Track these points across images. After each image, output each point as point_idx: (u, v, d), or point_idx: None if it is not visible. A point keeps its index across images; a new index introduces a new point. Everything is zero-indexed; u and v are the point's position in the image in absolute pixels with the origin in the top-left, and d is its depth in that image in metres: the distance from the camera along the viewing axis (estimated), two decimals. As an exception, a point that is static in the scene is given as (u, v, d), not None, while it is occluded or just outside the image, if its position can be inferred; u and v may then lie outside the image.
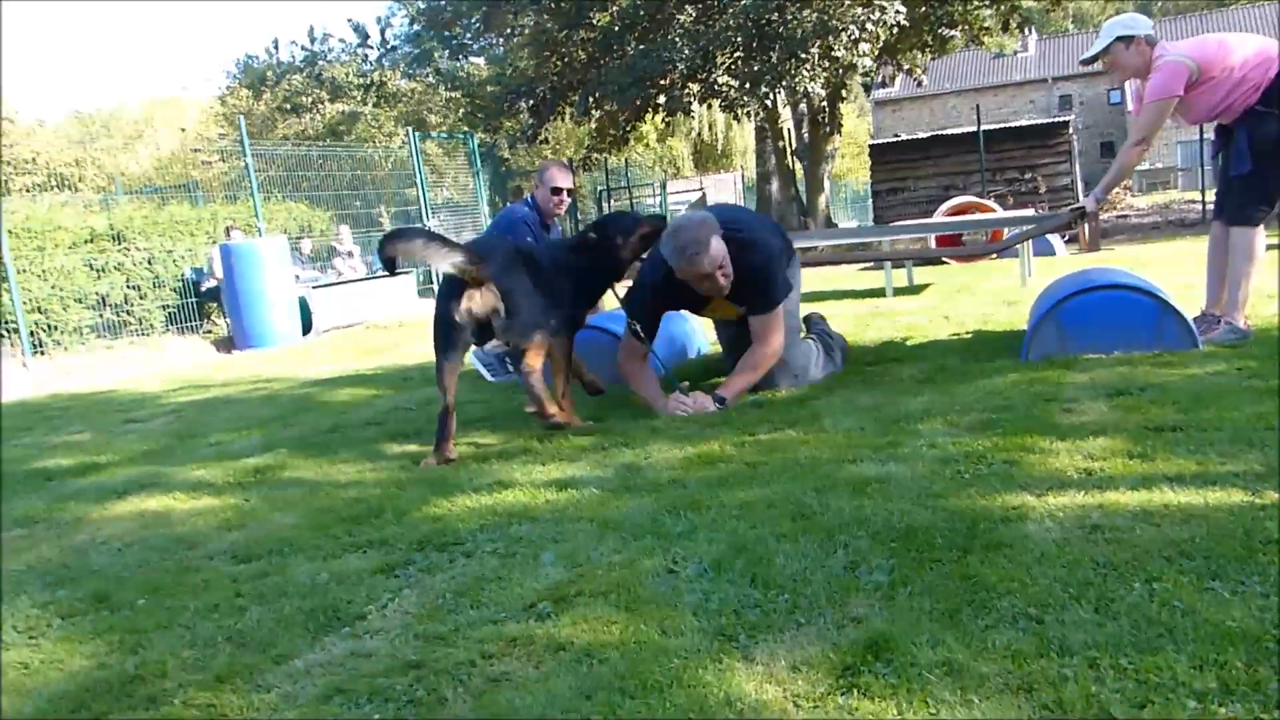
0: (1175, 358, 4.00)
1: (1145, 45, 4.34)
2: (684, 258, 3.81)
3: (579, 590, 2.14)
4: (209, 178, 17.98)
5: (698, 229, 3.83)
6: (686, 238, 3.82)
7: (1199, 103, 4.28)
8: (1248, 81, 4.14)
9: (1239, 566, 1.91)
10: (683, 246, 3.81)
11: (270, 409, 5.43)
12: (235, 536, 2.87)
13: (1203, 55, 4.21)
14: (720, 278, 3.87)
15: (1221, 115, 4.29)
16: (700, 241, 3.79)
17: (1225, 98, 4.21)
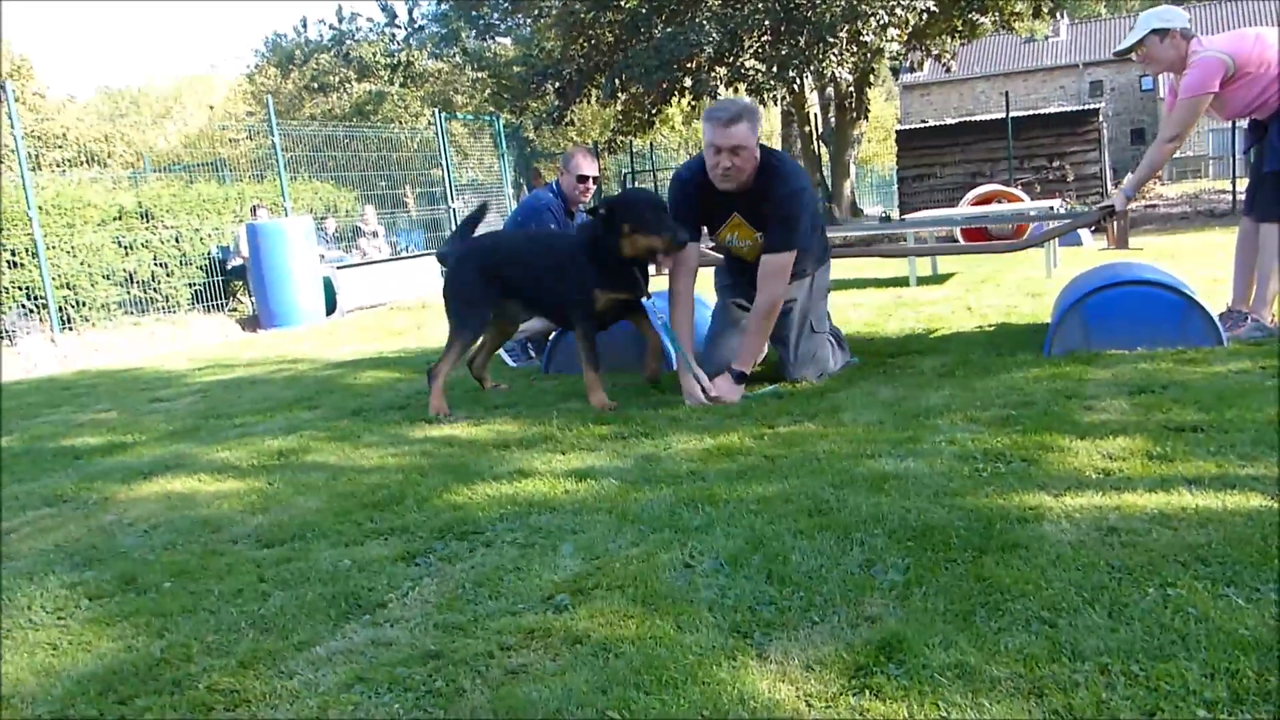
0: (1199, 355, 3.97)
1: (1180, 39, 4.29)
2: (712, 117, 3.87)
3: (596, 583, 2.16)
4: (236, 155, 18.07)
5: (737, 104, 3.96)
6: (721, 104, 3.94)
7: (1234, 99, 4.24)
8: None
9: (1254, 573, 1.91)
10: (713, 108, 3.91)
11: (294, 390, 5.49)
12: (259, 520, 2.91)
13: (1239, 51, 4.16)
14: (726, 160, 3.89)
15: (1257, 111, 4.25)
16: (732, 111, 3.87)
17: (1261, 94, 4.17)
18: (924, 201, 16.33)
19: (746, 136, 3.86)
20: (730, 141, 3.85)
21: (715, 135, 3.87)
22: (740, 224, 4.15)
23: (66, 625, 2.21)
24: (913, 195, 16.95)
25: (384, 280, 12.31)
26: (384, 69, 29.49)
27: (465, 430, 3.94)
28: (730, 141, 3.85)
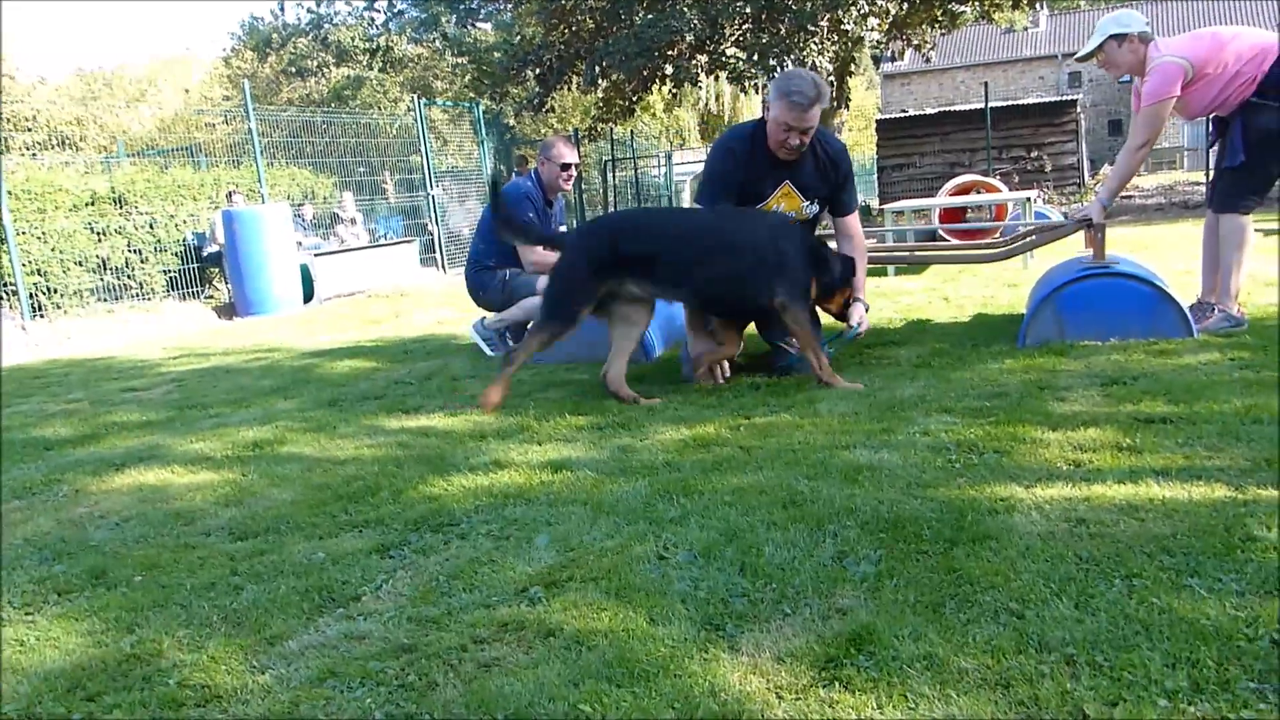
0: (1170, 346, 4.02)
1: (1139, 43, 4.35)
2: (792, 100, 3.84)
3: (570, 575, 2.17)
4: (212, 140, 17.89)
5: (814, 85, 3.88)
6: (799, 84, 3.86)
7: (1195, 100, 4.30)
8: (1243, 75, 4.16)
9: (1217, 563, 1.93)
10: (793, 90, 3.85)
11: (270, 380, 5.46)
12: (232, 513, 2.90)
13: (1196, 53, 4.21)
14: (797, 138, 3.92)
15: (1218, 109, 4.31)
16: (811, 94, 3.84)
17: (1221, 92, 4.22)
18: (903, 191, 16.39)
19: (817, 115, 3.89)
20: (808, 124, 3.89)
21: (794, 118, 3.85)
22: (789, 193, 4.15)
23: (34, 621, 2.19)
24: (892, 184, 17.01)
25: (362, 268, 12.25)
26: (363, 54, 29.21)
27: (441, 421, 3.94)
28: (808, 124, 3.89)
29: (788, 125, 3.88)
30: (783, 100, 3.85)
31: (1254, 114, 4.17)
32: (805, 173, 4.09)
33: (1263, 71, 4.12)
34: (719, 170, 4.11)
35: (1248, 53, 4.16)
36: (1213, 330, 4.30)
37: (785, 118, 3.87)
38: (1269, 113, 4.13)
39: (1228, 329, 4.31)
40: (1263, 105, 4.14)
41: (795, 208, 4.18)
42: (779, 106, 3.87)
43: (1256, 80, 4.13)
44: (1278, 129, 4.15)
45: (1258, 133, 4.17)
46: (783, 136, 3.92)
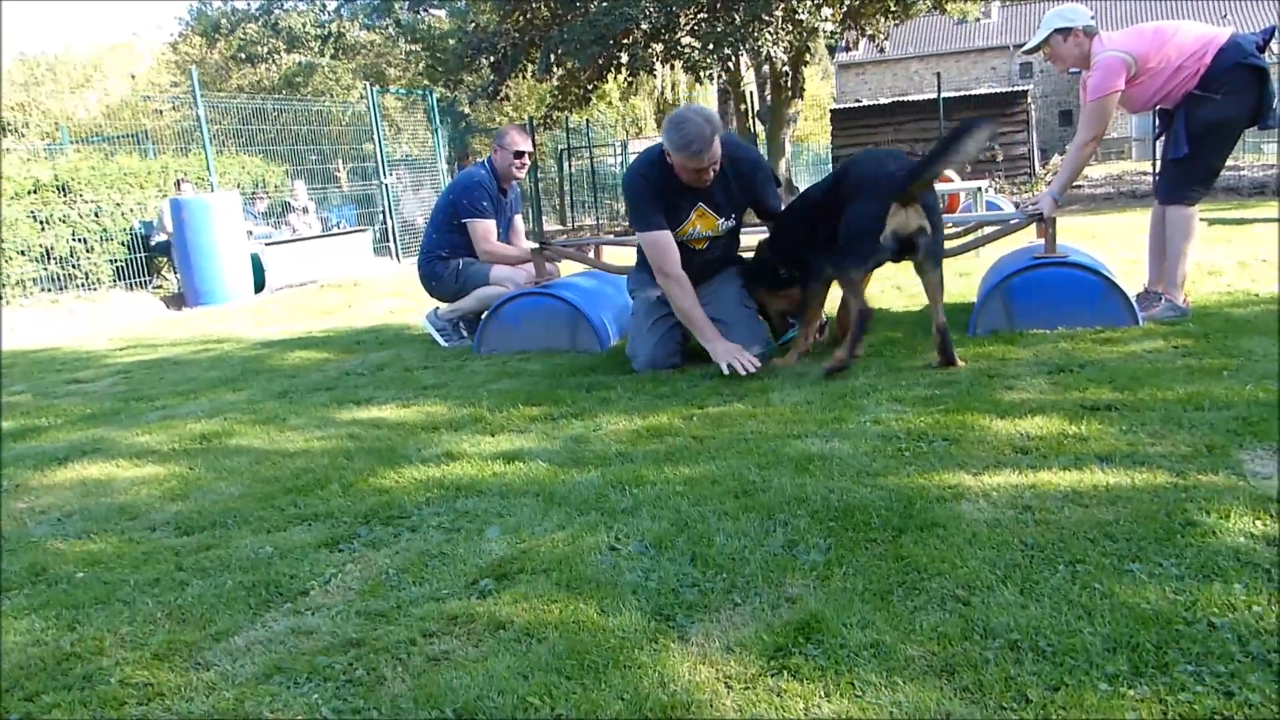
0: (1116, 334, 4.09)
1: (1083, 36, 4.41)
2: (690, 150, 3.86)
3: (521, 567, 2.16)
4: (160, 127, 17.53)
5: (703, 125, 3.87)
6: (694, 132, 3.85)
7: (1139, 94, 4.37)
8: (1185, 69, 4.24)
9: (1158, 548, 1.97)
10: (690, 140, 3.86)
11: (219, 371, 5.38)
12: (179, 507, 2.85)
13: (1139, 48, 4.28)
14: (711, 172, 3.97)
15: (1163, 102, 4.38)
16: (706, 135, 3.86)
17: (1164, 86, 4.30)
18: (858, 180, 16.49)
19: (719, 147, 3.91)
20: (713, 160, 3.92)
21: (700, 162, 3.89)
22: (704, 213, 4.18)
23: (-27, 618, 2.14)
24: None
25: (314, 257, 12.07)
26: (314, 40, 28.80)
27: (393, 412, 3.90)
28: (713, 160, 3.92)
29: (695, 169, 3.93)
30: (683, 153, 3.88)
31: (1196, 106, 4.25)
32: (717, 192, 4.13)
33: (1204, 65, 4.20)
34: (643, 195, 4.12)
35: (1190, 47, 4.24)
36: (1158, 319, 4.38)
37: (690, 164, 3.91)
38: (1211, 105, 4.21)
39: (1173, 318, 4.39)
40: (1205, 98, 4.21)
41: (711, 226, 4.22)
42: (681, 158, 3.90)
43: (1199, 74, 4.21)
44: (1219, 121, 4.23)
45: (1200, 125, 4.25)
46: (691, 177, 3.98)
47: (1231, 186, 14.54)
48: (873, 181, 3.81)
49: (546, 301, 4.95)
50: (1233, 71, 4.17)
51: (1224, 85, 4.18)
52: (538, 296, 4.99)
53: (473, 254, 5.47)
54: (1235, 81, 4.18)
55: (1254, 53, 4.20)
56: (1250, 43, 4.23)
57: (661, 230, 4.07)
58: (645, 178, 4.13)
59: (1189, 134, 4.27)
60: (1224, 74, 4.18)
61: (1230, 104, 4.20)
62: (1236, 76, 4.18)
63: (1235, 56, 4.18)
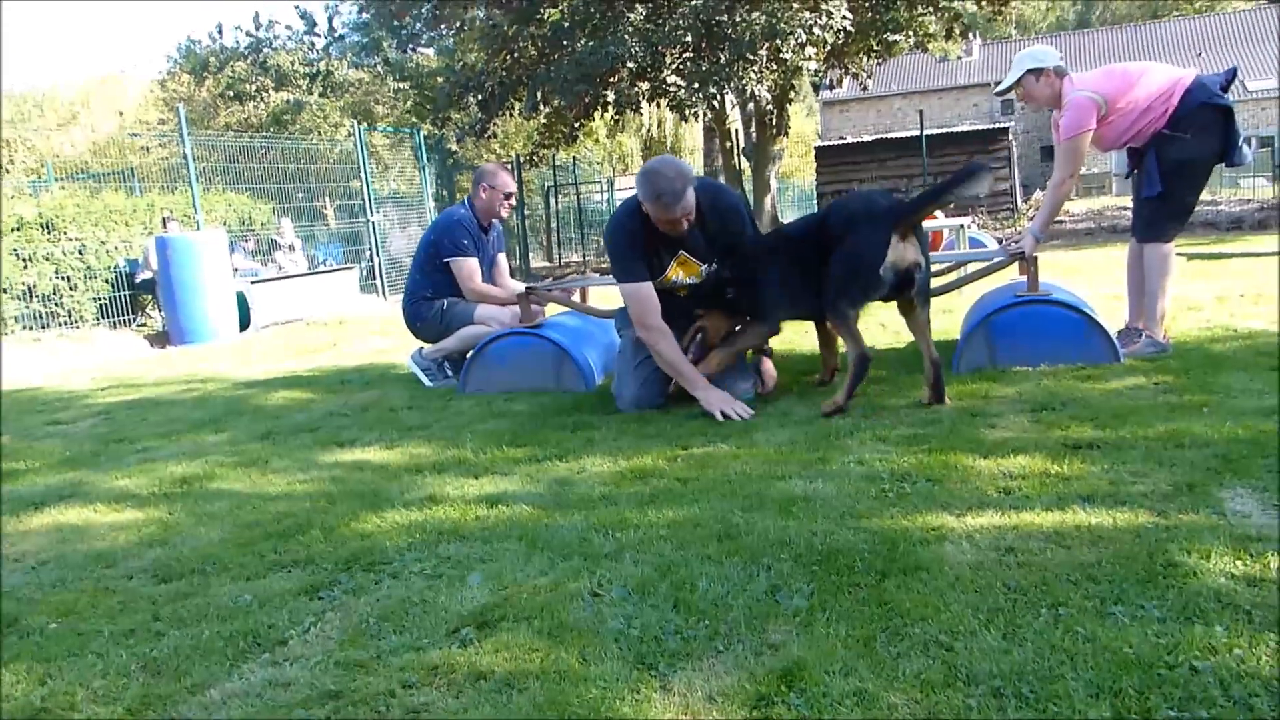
0: (1098, 371, 4.11)
1: (1054, 77, 4.51)
2: (663, 202, 3.88)
3: (503, 614, 2.14)
4: (146, 164, 17.55)
5: (673, 179, 3.88)
6: (664, 185, 3.87)
7: (1109, 133, 4.45)
8: (1153, 110, 4.33)
9: (1140, 590, 1.97)
10: (660, 193, 3.88)
11: (202, 412, 5.34)
12: (157, 553, 2.82)
13: (1109, 89, 4.37)
14: (684, 222, 3.98)
15: (1132, 141, 4.47)
16: (677, 188, 3.86)
17: (1133, 125, 4.39)
18: (842, 216, 16.61)
19: (691, 198, 3.91)
20: (686, 211, 3.92)
21: (672, 213, 3.90)
22: (686, 260, 4.19)
23: (-56, 671, 2.10)
24: (832, 210, 17.25)
25: (301, 295, 12.07)
26: (302, 78, 28.96)
27: (377, 454, 3.88)
28: (686, 211, 3.92)
29: (668, 220, 3.94)
30: (655, 204, 3.90)
31: (1166, 146, 4.33)
32: (696, 237, 4.13)
33: (1172, 105, 4.29)
34: (623, 246, 4.14)
35: (1157, 87, 4.33)
36: (1139, 355, 4.41)
37: (664, 215, 3.93)
38: (1180, 144, 4.29)
39: (1153, 354, 4.42)
40: (1174, 137, 4.30)
41: (694, 273, 4.23)
42: (653, 208, 3.93)
43: (1167, 114, 4.30)
44: (1189, 160, 4.32)
45: (1171, 164, 4.33)
46: (665, 227, 4.00)
47: (1210, 221, 14.71)
48: (870, 213, 3.84)
49: (531, 341, 4.95)
50: (1200, 111, 4.27)
51: (1192, 125, 4.27)
52: (523, 336, 4.99)
53: (457, 293, 5.47)
54: (1202, 121, 4.28)
55: (1218, 93, 4.31)
56: (1214, 83, 4.34)
57: (642, 282, 4.07)
58: (625, 229, 4.15)
59: (1161, 173, 4.35)
60: (1191, 114, 4.27)
61: (1199, 143, 4.29)
62: (1203, 116, 4.27)
63: (1201, 97, 4.27)
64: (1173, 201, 4.41)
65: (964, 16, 16.49)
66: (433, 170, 18.09)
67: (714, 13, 14.04)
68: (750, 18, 13.85)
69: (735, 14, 14.02)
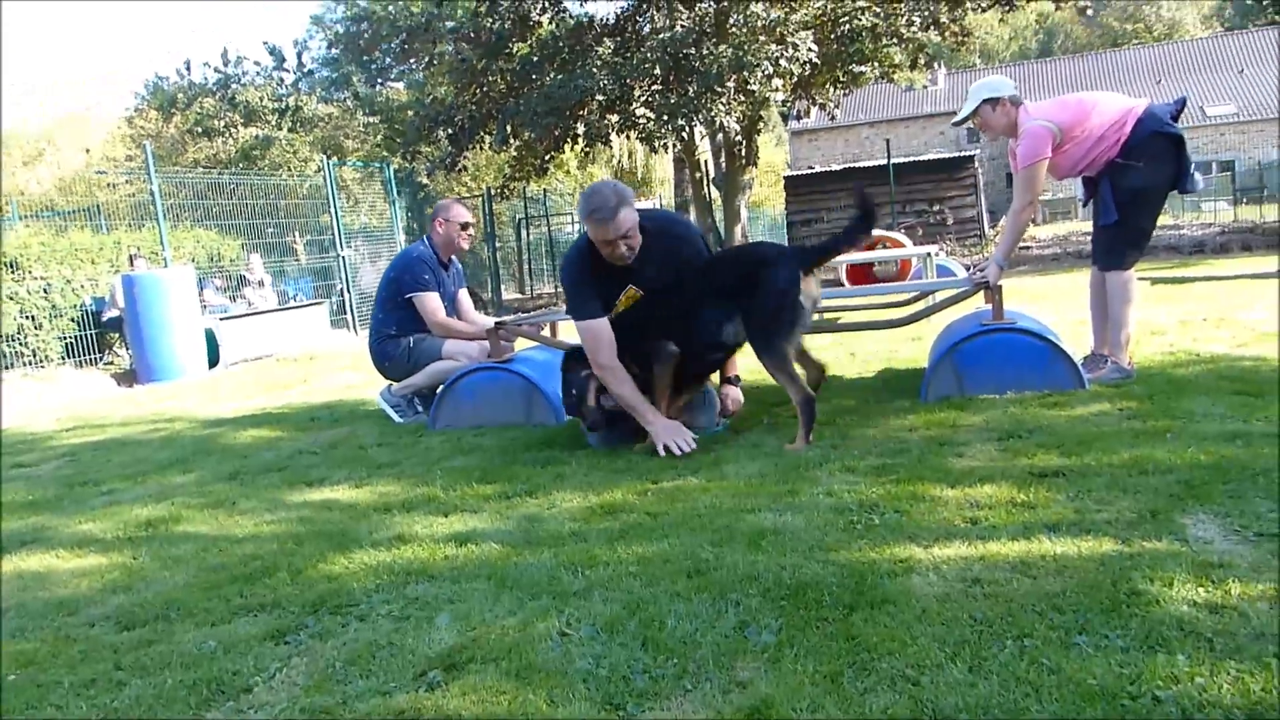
0: (1063, 398, 4.15)
1: (1010, 106, 4.61)
2: (596, 218, 3.89)
3: (471, 656, 2.12)
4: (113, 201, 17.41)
5: (608, 195, 3.90)
6: (598, 201, 3.89)
7: (1064, 162, 4.55)
8: (1106, 139, 4.42)
9: (1104, 620, 1.99)
10: (594, 209, 3.90)
11: (169, 452, 5.29)
12: (120, 600, 2.78)
13: (1064, 118, 4.46)
14: (623, 246, 3.95)
15: (1086, 170, 4.56)
16: (611, 204, 3.87)
17: (1087, 154, 4.48)
18: (812, 245, 16.76)
19: (630, 217, 3.91)
20: (623, 230, 3.91)
21: (606, 232, 3.90)
22: (635, 294, 4.19)
23: (-102, 727, 2.06)
24: (801, 239, 17.38)
25: (270, 331, 11.99)
26: (271, 113, 28.93)
27: (346, 493, 3.85)
28: (623, 230, 3.91)
29: (604, 240, 3.95)
30: (590, 220, 3.93)
31: (1120, 175, 4.43)
32: (645, 268, 4.10)
33: (1124, 135, 4.39)
34: (576, 282, 4.14)
35: (1110, 117, 4.43)
36: (1104, 381, 4.46)
37: (599, 234, 3.94)
38: (1134, 173, 4.40)
39: (1118, 379, 4.48)
40: (1128, 166, 4.40)
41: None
42: (589, 226, 3.95)
43: (1120, 143, 4.40)
44: (1143, 188, 4.43)
45: (1126, 192, 4.43)
46: (608, 250, 3.99)
47: (1172, 245, 14.95)
48: (778, 252, 4.10)
49: (501, 376, 4.95)
50: (1152, 140, 4.37)
51: (1145, 154, 4.38)
52: (493, 371, 4.98)
53: (422, 329, 5.46)
54: (1155, 150, 4.38)
55: (1169, 122, 4.42)
56: (1165, 112, 4.44)
57: (595, 319, 4.04)
58: (575, 264, 4.16)
59: (1116, 202, 4.44)
60: (1144, 143, 4.37)
61: (1152, 172, 4.39)
62: (1155, 145, 4.38)
63: (1152, 126, 4.37)
64: (1130, 229, 4.50)
65: (928, 47, 16.78)
66: (403, 204, 18.09)
67: (681, 46, 14.21)
68: (717, 50, 14.02)
69: (702, 47, 14.19)
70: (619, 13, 17.00)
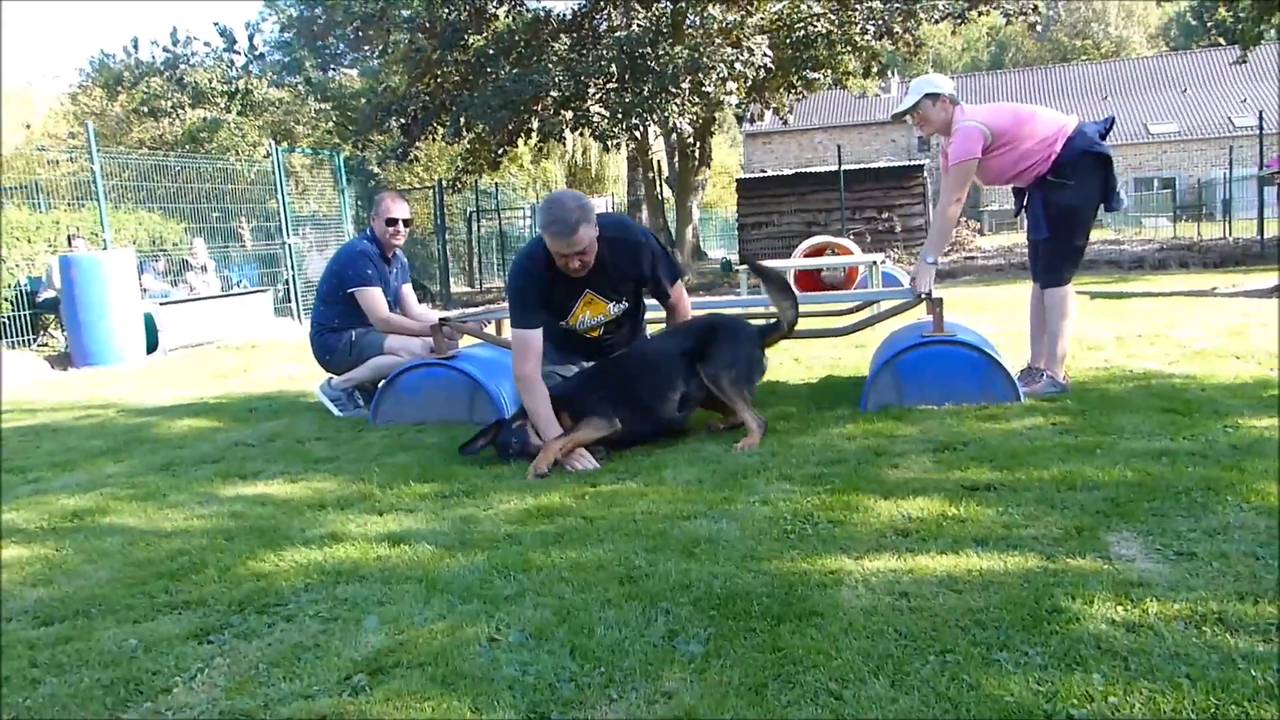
0: (999, 411, 4.23)
1: (949, 104, 4.67)
2: (554, 233, 3.86)
3: (397, 661, 2.11)
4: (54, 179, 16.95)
5: (570, 211, 3.85)
6: (558, 214, 3.86)
7: (992, 167, 4.63)
8: (1035, 153, 4.53)
9: (1025, 636, 2.02)
10: (552, 221, 3.87)
11: (100, 440, 5.17)
12: (40, 594, 2.71)
13: (997, 123, 4.55)
14: (576, 261, 3.93)
15: (1015, 180, 4.67)
16: (570, 221, 3.82)
17: (1016, 164, 4.57)
18: (763, 248, 16.87)
19: (587, 234, 3.87)
20: (579, 247, 3.88)
21: (562, 246, 3.87)
22: (592, 300, 4.17)
23: None
24: (752, 242, 17.48)
25: (212, 317, 11.76)
26: (220, 95, 28.40)
27: (280, 488, 3.80)
28: (579, 247, 3.88)
29: (560, 253, 3.92)
30: (547, 233, 3.90)
31: (1051, 191, 4.55)
32: (601, 276, 4.11)
33: (1055, 151, 4.49)
34: (521, 289, 4.11)
35: (1042, 132, 4.53)
36: (1039, 395, 4.55)
37: (555, 247, 3.91)
38: (1064, 190, 4.52)
39: (1053, 393, 4.57)
40: (1058, 184, 4.51)
41: (602, 311, 4.23)
42: (547, 238, 3.91)
43: (1050, 159, 4.50)
44: (1073, 205, 4.55)
45: (1057, 208, 4.55)
46: (562, 262, 3.97)
47: (1113, 260, 15.29)
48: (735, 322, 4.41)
49: (444, 372, 4.91)
50: (1081, 159, 4.49)
51: (1074, 171, 4.49)
52: (435, 367, 4.94)
53: (364, 323, 5.40)
54: (1084, 168, 4.50)
55: (1098, 141, 4.53)
56: (1095, 131, 4.55)
57: (528, 330, 4.01)
58: (523, 270, 4.13)
59: (1047, 218, 4.58)
60: (1074, 160, 4.48)
61: (1081, 189, 4.52)
62: (1085, 163, 4.50)
63: (1082, 145, 4.48)
64: (1064, 245, 4.62)
65: (881, 55, 16.96)
66: (353, 193, 17.87)
67: (637, 45, 14.22)
68: (673, 51, 14.05)
69: (658, 47, 14.22)
70: (576, 9, 16.96)
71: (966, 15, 16.03)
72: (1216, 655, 1.88)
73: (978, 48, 64.92)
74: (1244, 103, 39.44)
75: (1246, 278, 11.04)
